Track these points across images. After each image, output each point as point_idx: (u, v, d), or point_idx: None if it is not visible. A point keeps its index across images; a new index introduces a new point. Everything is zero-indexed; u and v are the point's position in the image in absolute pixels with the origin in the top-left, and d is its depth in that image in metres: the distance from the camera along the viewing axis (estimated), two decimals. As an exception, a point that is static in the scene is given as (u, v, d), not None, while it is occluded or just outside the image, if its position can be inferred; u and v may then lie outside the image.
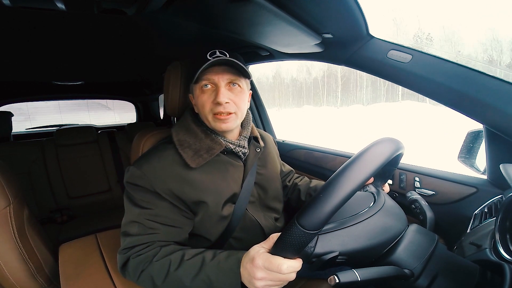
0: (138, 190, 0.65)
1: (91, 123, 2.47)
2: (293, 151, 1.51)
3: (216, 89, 0.66)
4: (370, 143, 0.47)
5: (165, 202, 0.64)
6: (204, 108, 0.67)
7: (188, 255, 0.59)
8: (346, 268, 0.46)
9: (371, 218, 0.52)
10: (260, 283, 0.48)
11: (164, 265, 0.58)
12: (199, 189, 0.66)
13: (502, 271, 0.43)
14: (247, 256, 0.52)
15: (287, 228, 0.43)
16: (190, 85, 0.72)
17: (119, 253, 0.64)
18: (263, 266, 0.47)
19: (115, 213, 1.85)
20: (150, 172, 0.64)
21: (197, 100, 0.68)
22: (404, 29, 41.23)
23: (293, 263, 0.46)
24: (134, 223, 0.63)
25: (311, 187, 0.95)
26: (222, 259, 0.56)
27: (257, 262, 0.48)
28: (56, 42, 0.96)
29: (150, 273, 0.59)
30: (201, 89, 0.67)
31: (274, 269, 0.46)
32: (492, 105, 0.61)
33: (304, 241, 0.42)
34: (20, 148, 1.74)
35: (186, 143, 0.68)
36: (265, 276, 0.48)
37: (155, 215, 0.63)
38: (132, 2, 0.61)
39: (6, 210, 0.78)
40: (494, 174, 0.77)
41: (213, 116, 0.66)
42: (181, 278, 0.56)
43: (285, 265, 0.46)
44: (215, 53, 0.67)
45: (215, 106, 0.65)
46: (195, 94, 0.69)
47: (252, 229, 0.76)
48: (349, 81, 40.83)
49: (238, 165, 0.74)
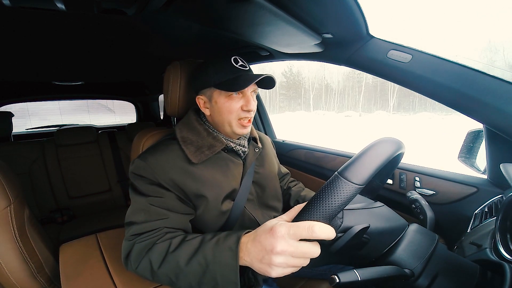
0: (142, 180, 0.66)
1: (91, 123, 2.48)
2: (293, 151, 1.51)
3: (245, 98, 0.69)
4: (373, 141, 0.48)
5: (169, 192, 0.66)
6: (230, 114, 0.69)
7: (190, 236, 0.59)
8: (346, 268, 0.46)
9: (384, 207, 0.55)
10: (279, 258, 0.41)
11: (164, 247, 0.58)
12: (200, 183, 0.68)
13: (503, 271, 0.44)
14: (261, 229, 0.46)
15: (327, 184, 0.40)
16: (205, 89, 0.71)
17: (125, 240, 0.64)
18: (287, 234, 0.40)
19: (116, 213, 1.85)
20: (154, 164, 0.66)
21: (222, 105, 0.69)
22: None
23: (326, 226, 0.39)
24: (140, 211, 0.64)
25: (301, 195, 0.96)
26: (222, 238, 0.53)
27: (278, 230, 0.41)
28: (56, 42, 0.96)
29: (149, 257, 0.58)
30: (229, 96, 0.68)
31: (303, 233, 0.39)
32: (492, 105, 0.61)
33: (348, 196, 0.38)
34: (20, 148, 1.74)
35: (189, 140, 0.70)
36: (287, 249, 0.40)
37: (162, 202, 0.64)
38: (132, 2, 0.61)
39: (6, 210, 0.78)
40: (494, 174, 0.77)
41: (237, 122, 0.70)
42: (178, 260, 0.54)
43: (317, 225, 0.38)
44: (238, 61, 0.70)
45: (243, 113, 0.69)
46: (218, 99, 0.69)
47: (250, 227, 0.77)
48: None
49: (238, 162, 0.76)
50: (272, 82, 0.71)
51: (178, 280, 0.55)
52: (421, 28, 35.71)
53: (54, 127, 2.32)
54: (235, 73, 0.67)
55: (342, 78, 49.43)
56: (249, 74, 0.68)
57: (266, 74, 0.67)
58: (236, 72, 0.68)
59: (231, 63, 0.69)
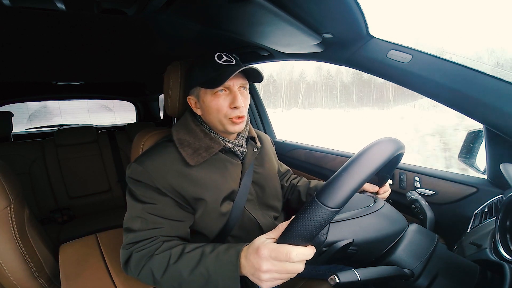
0: (139, 185, 0.65)
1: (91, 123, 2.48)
2: (293, 151, 1.51)
3: (232, 94, 0.67)
4: (371, 142, 0.48)
5: (167, 197, 0.65)
6: (219, 112, 0.67)
7: (188, 248, 0.59)
8: (346, 268, 0.46)
9: (378, 212, 0.53)
10: (266, 275, 0.45)
11: (164, 258, 0.58)
12: (198, 185, 0.67)
13: (502, 271, 0.43)
14: (251, 247, 0.49)
15: (305, 208, 0.41)
16: (192, 89, 0.71)
17: (122, 248, 0.64)
18: (270, 256, 0.44)
19: (115, 213, 1.85)
20: (151, 168, 0.65)
21: (208, 104, 0.68)
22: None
23: (303, 250, 0.43)
24: (137, 218, 0.64)
25: (311, 187, 0.95)
26: (222, 251, 0.54)
27: (262, 253, 0.45)
28: (56, 42, 0.96)
29: (150, 267, 0.59)
30: (214, 94, 0.67)
31: (282, 258, 0.43)
32: (492, 105, 0.61)
33: (324, 220, 0.39)
34: (20, 148, 1.74)
35: (186, 142, 0.69)
36: (271, 268, 0.45)
37: (158, 209, 0.64)
38: (132, 2, 0.61)
39: (6, 210, 0.78)
40: (494, 174, 0.77)
41: (228, 120, 0.68)
42: (180, 271, 0.55)
43: (294, 252, 0.42)
44: (222, 57, 0.68)
45: (231, 110, 0.67)
46: (205, 98, 0.68)
47: (250, 227, 0.77)
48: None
49: (236, 163, 0.76)
50: (259, 75, 0.69)
51: (181, 287, 0.56)
52: (421, 28, 36.29)
53: (54, 127, 2.32)
54: (218, 69, 0.65)
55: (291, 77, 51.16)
56: (231, 69, 0.65)
57: (246, 65, 0.65)
58: (219, 68, 0.65)
59: (214, 59, 0.67)
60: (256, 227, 0.77)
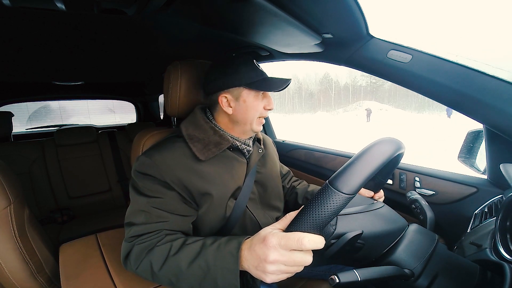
0: (146, 179, 0.65)
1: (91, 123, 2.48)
2: (293, 151, 1.51)
3: (267, 98, 0.75)
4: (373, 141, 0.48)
5: (173, 191, 0.65)
6: (256, 112, 0.73)
7: (190, 240, 0.59)
8: (346, 268, 0.46)
9: (382, 208, 0.55)
10: (272, 267, 0.43)
11: (165, 250, 0.58)
12: (206, 180, 0.68)
13: (502, 271, 0.44)
14: (256, 237, 0.47)
15: (317, 194, 0.40)
16: (232, 88, 0.71)
17: (124, 241, 0.64)
18: (279, 244, 0.42)
19: (115, 213, 1.85)
20: (161, 161, 0.65)
21: (250, 104, 0.72)
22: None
23: (315, 237, 0.40)
24: (141, 212, 0.63)
25: (309, 191, 0.96)
26: (223, 243, 0.53)
27: (270, 241, 0.42)
28: (56, 42, 0.96)
29: (150, 259, 0.58)
30: (257, 96, 0.72)
31: (293, 245, 0.40)
32: (492, 105, 0.61)
33: (338, 206, 0.38)
34: (20, 148, 1.74)
35: (196, 137, 0.71)
36: (279, 258, 0.42)
37: (164, 203, 0.64)
38: (132, 2, 0.61)
39: (6, 210, 0.78)
40: (494, 174, 0.77)
41: (257, 119, 0.74)
42: (179, 263, 0.54)
43: (306, 238, 0.40)
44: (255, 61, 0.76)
45: (264, 111, 0.75)
46: (247, 98, 0.71)
47: (251, 227, 0.77)
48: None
49: (242, 161, 0.77)
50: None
51: (178, 282, 0.55)
52: (422, 28, 36.29)
53: (54, 127, 2.32)
54: (262, 75, 0.72)
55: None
56: (275, 77, 0.73)
57: (290, 79, 0.73)
58: (262, 74, 0.72)
59: (255, 64, 0.73)
60: (257, 228, 0.77)
